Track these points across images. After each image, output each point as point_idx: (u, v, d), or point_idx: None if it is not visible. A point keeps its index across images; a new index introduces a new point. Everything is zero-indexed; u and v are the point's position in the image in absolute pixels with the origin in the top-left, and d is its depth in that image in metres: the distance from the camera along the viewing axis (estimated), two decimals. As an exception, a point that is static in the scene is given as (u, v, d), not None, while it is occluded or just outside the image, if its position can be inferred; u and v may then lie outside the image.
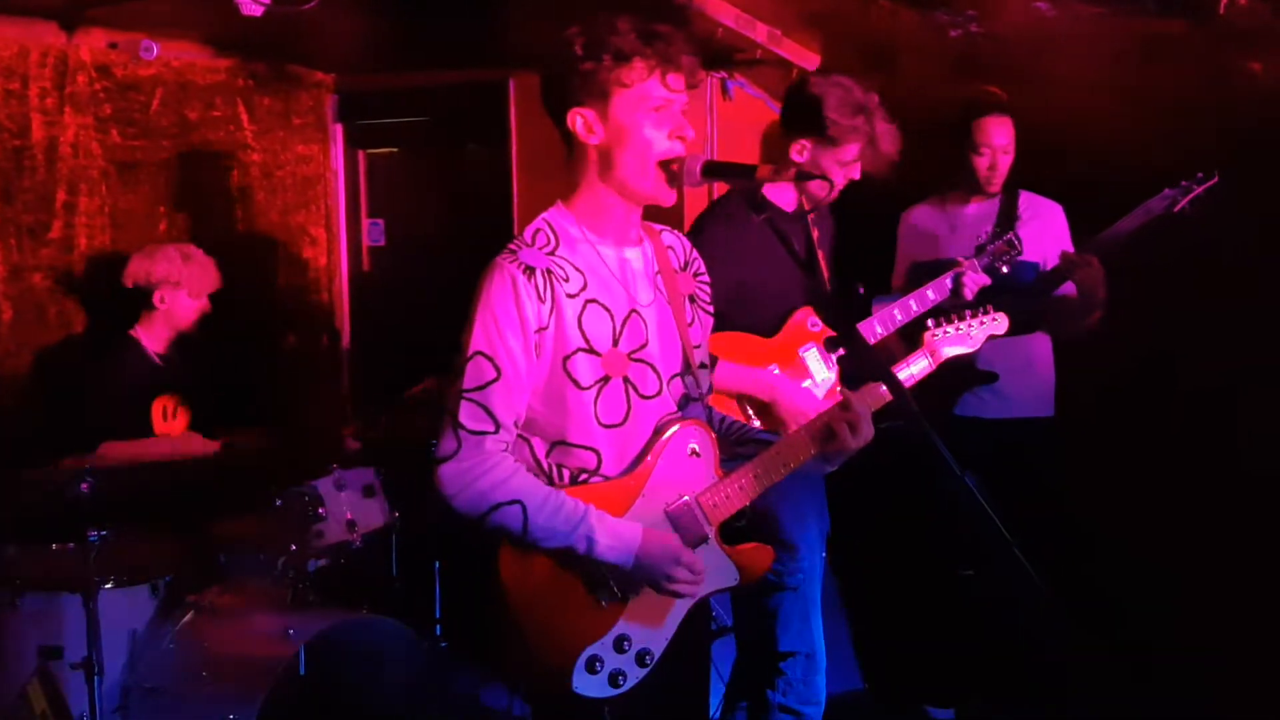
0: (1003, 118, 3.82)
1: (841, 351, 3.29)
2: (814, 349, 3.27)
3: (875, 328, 3.33)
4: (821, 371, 3.27)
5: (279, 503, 3.75)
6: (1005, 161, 3.84)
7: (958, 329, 2.98)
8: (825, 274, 3.36)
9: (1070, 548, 3.70)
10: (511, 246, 2.24)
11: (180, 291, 4.01)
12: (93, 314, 4.31)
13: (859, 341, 2.83)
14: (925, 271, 3.89)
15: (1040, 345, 3.95)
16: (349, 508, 3.86)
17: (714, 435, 2.39)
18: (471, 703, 4.22)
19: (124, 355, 3.97)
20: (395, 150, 5.53)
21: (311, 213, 5.32)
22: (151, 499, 3.71)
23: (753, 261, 3.09)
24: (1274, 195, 3.72)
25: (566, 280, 2.22)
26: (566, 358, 2.21)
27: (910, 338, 3.21)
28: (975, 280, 3.45)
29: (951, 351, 2.97)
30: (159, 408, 3.94)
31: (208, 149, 4.82)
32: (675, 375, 2.35)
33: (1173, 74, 3.88)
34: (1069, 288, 3.76)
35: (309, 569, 3.70)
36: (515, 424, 2.22)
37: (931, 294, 3.44)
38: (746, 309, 3.13)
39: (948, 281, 3.45)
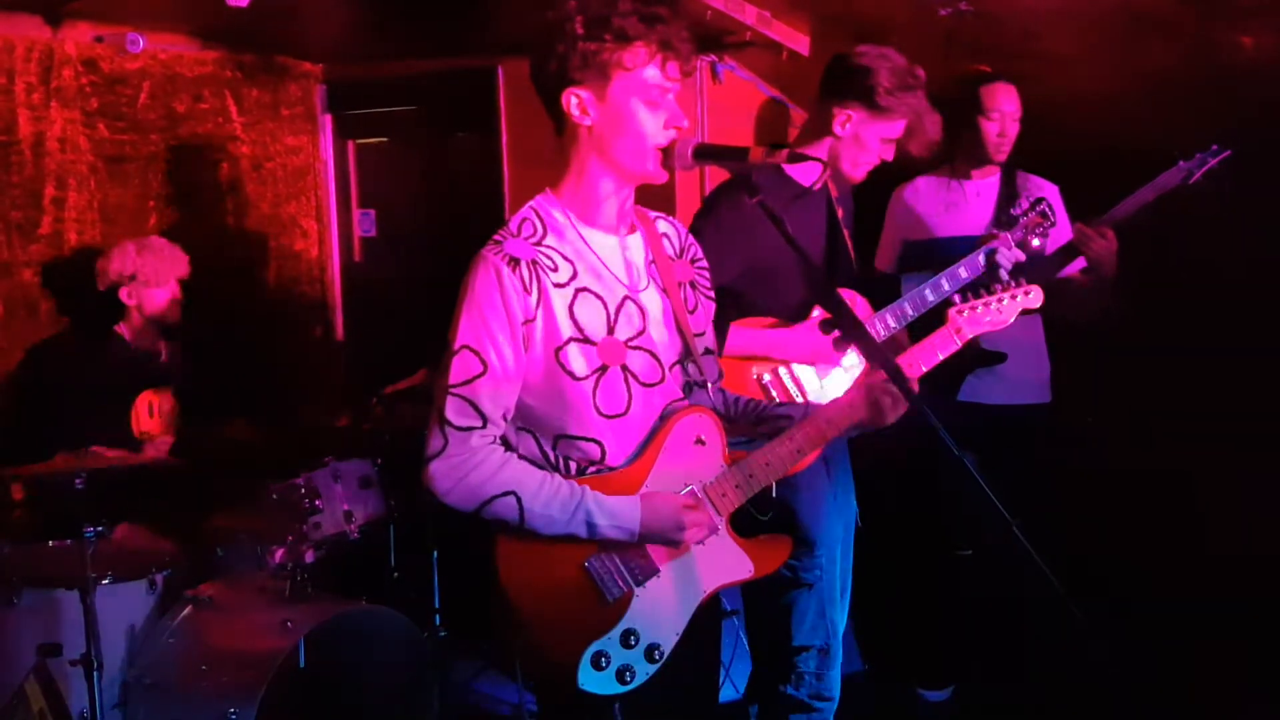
0: (1009, 85, 3.75)
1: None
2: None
3: (906, 309, 3.19)
4: (850, 357, 3.17)
5: (275, 496, 3.74)
6: (1014, 130, 3.75)
7: (987, 305, 2.76)
8: (852, 255, 3.30)
9: (1068, 535, 3.68)
10: (497, 237, 2.19)
11: (139, 284, 3.96)
12: (84, 309, 4.29)
13: (848, 318, 2.69)
14: (922, 250, 3.82)
15: (1037, 330, 3.85)
16: (346, 499, 3.85)
17: (721, 423, 2.33)
18: (471, 692, 4.23)
19: (105, 351, 3.95)
20: (385, 140, 5.51)
21: (302, 204, 5.30)
22: (147, 494, 3.71)
23: (754, 245, 2.99)
24: (1268, 171, 3.71)
25: (555, 270, 2.18)
26: (558, 349, 2.16)
27: (933, 314, 3.04)
28: (1010, 256, 3.25)
29: (979, 330, 2.75)
30: (144, 403, 3.92)
31: (196, 142, 4.80)
32: (677, 362, 2.31)
33: (1163, 50, 3.87)
34: (1072, 269, 3.64)
35: (306, 561, 3.69)
36: (504, 418, 2.18)
37: (964, 272, 3.24)
38: (765, 291, 3.07)
39: (980, 258, 3.26)
